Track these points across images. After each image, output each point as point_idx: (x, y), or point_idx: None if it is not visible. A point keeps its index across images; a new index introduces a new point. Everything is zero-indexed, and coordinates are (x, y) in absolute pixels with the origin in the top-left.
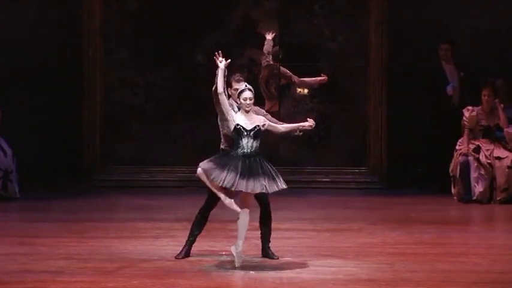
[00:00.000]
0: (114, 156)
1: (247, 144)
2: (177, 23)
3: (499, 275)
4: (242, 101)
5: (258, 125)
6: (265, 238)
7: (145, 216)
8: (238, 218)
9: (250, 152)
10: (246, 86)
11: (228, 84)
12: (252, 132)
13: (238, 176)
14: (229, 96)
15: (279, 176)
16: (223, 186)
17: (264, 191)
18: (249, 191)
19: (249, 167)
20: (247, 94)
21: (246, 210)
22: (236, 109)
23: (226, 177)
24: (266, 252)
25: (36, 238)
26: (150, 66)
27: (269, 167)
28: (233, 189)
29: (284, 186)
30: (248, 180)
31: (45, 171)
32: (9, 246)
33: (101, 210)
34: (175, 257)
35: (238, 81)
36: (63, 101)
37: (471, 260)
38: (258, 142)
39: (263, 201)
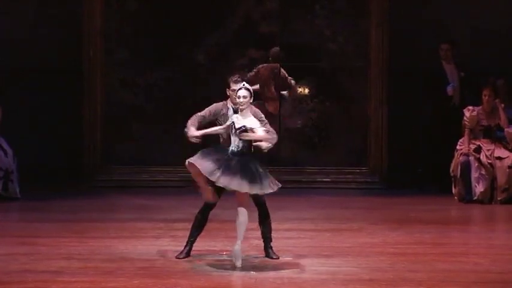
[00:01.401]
0: (115, 156)
1: (234, 142)
2: (177, 23)
3: (499, 275)
4: (237, 99)
5: (245, 126)
6: (266, 238)
7: (146, 216)
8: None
9: (237, 151)
10: (243, 84)
11: (226, 85)
12: (237, 131)
13: (218, 169)
14: (227, 97)
15: (266, 179)
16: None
17: (235, 188)
18: (220, 185)
19: (229, 165)
20: (241, 92)
21: (243, 210)
22: (231, 112)
23: (206, 166)
24: (267, 252)
25: (37, 238)
26: (150, 66)
27: (255, 168)
28: (212, 178)
29: (265, 191)
30: (226, 176)
31: (45, 171)
32: (10, 246)
33: (101, 210)
34: (176, 257)
35: (236, 82)
36: (64, 101)
37: (471, 260)
38: (246, 142)
39: (258, 201)
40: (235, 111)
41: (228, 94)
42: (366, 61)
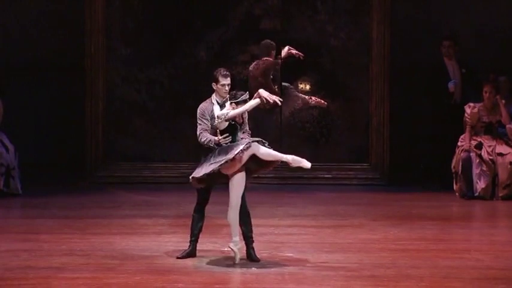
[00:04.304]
0: (116, 152)
1: (239, 136)
2: (179, 19)
3: (501, 271)
4: (226, 87)
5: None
6: (248, 238)
7: (148, 212)
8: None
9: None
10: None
11: (214, 80)
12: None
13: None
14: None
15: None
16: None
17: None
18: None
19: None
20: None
21: (234, 206)
22: (217, 107)
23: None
24: (249, 252)
25: (39, 234)
26: (152, 63)
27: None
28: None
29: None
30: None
31: (47, 168)
32: (12, 243)
33: (103, 206)
34: (177, 257)
35: (225, 76)
36: (65, 97)
37: (473, 256)
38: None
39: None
40: (221, 106)
41: (215, 88)
42: (368, 57)
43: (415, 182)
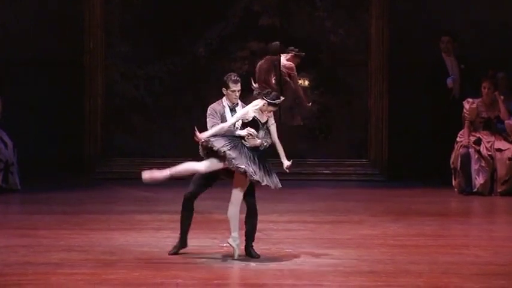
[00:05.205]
0: (115, 148)
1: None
2: (178, 15)
3: (500, 267)
4: (237, 93)
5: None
6: (249, 236)
7: (146, 208)
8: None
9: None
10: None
11: (224, 85)
12: (265, 125)
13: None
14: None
15: (275, 176)
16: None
17: (264, 183)
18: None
19: (254, 160)
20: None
21: (234, 202)
22: (228, 110)
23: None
24: (248, 250)
25: (37, 230)
26: (151, 59)
27: (267, 164)
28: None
29: (278, 186)
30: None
31: (46, 164)
32: (10, 238)
33: (102, 202)
34: (169, 254)
35: (235, 82)
36: (65, 93)
37: (472, 252)
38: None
39: (250, 197)
40: (232, 110)
41: (225, 94)
42: (367, 53)
43: (414, 178)
